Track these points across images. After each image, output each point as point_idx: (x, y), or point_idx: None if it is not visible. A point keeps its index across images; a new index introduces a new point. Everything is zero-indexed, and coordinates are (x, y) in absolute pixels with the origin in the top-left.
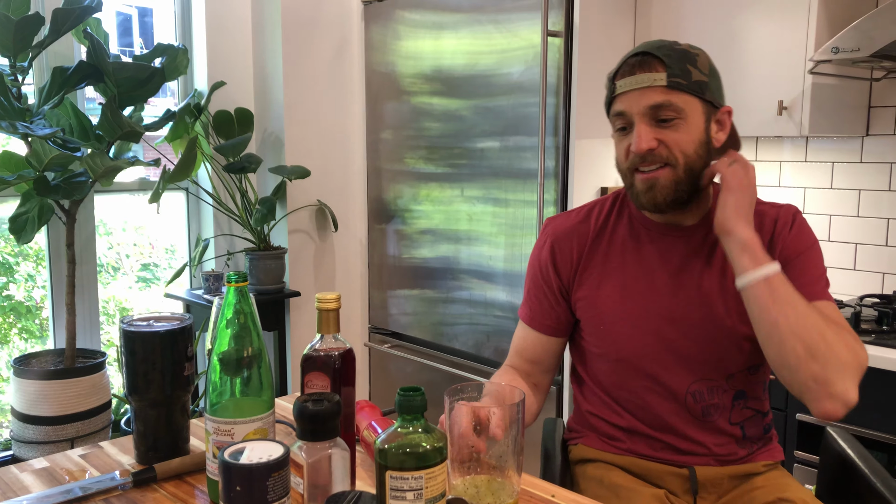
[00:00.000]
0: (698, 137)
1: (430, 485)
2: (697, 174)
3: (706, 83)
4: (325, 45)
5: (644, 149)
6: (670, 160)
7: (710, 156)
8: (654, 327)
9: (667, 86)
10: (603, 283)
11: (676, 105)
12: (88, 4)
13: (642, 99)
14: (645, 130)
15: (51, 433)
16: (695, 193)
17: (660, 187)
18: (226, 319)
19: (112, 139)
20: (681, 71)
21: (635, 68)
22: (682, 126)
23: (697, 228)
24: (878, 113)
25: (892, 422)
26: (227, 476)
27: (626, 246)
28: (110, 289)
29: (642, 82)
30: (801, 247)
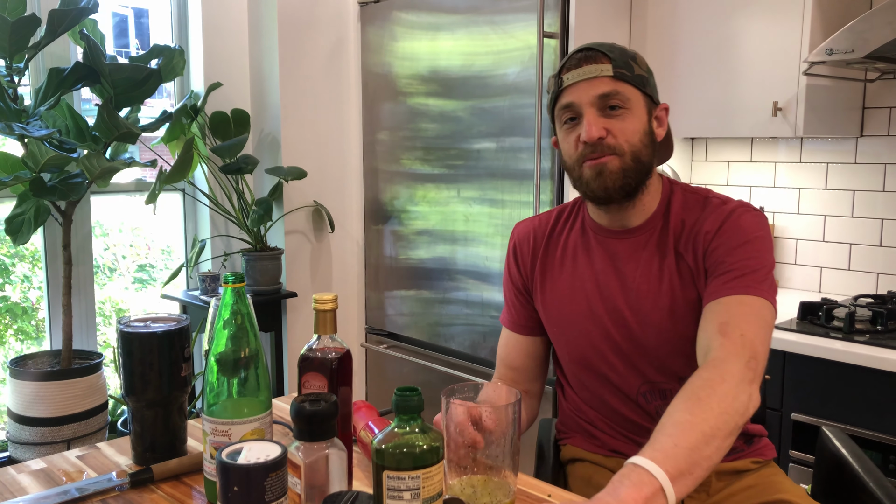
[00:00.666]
0: (643, 128)
1: (426, 485)
2: (644, 164)
3: (647, 78)
4: (321, 47)
5: (595, 136)
6: (618, 149)
7: (654, 149)
8: (601, 329)
9: (613, 76)
10: (555, 286)
11: (623, 94)
12: (85, 6)
13: (591, 89)
14: (594, 119)
15: (47, 434)
16: (641, 184)
17: (608, 172)
18: (223, 320)
19: (108, 140)
20: (625, 64)
21: (582, 61)
22: (628, 116)
23: (642, 230)
24: (872, 114)
25: (886, 421)
26: (225, 476)
27: (576, 249)
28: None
29: (590, 73)
30: (730, 241)
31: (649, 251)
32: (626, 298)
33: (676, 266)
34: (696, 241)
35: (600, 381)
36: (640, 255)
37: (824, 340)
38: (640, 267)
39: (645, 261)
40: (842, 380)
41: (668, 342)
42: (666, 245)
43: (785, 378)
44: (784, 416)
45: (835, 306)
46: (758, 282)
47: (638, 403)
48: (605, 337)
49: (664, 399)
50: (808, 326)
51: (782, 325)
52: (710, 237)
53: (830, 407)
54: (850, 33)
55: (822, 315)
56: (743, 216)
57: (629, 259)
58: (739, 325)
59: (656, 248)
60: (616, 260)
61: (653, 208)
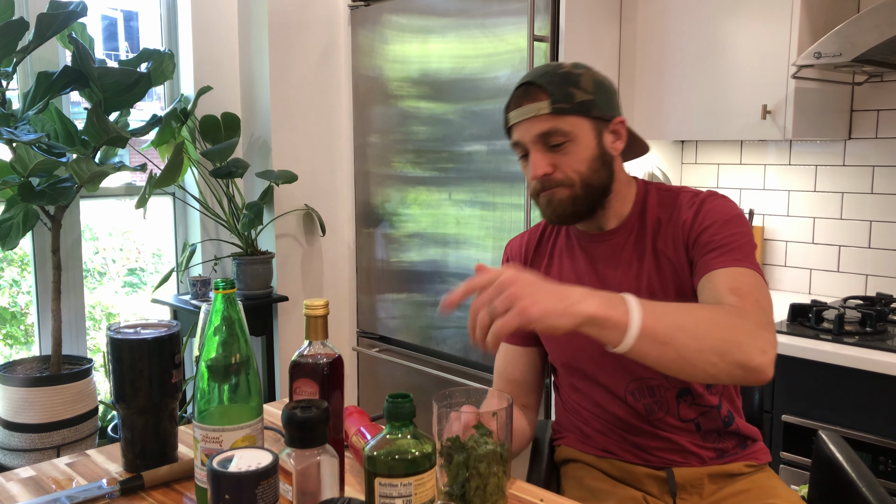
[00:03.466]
0: (590, 154)
1: (418, 491)
2: (596, 188)
3: (591, 101)
4: (311, 50)
5: (539, 175)
6: (565, 182)
7: (611, 165)
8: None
9: (551, 112)
10: None
11: (563, 129)
12: (73, 9)
13: (531, 128)
14: (538, 158)
15: (36, 441)
16: (596, 205)
17: (557, 202)
18: (213, 326)
19: (98, 144)
20: (563, 96)
21: (521, 99)
22: (571, 149)
23: (618, 232)
24: (861, 117)
25: (876, 422)
26: (216, 484)
27: (562, 255)
28: (97, 294)
29: (529, 112)
30: (710, 221)
31: (627, 252)
32: None
33: (656, 264)
34: (674, 233)
35: (589, 381)
36: (619, 256)
37: (814, 342)
38: (620, 268)
39: (624, 262)
40: (832, 381)
41: None
42: (644, 244)
43: (775, 380)
44: (775, 417)
45: (824, 308)
46: (749, 256)
47: (626, 401)
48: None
49: (653, 396)
50: (798, 328)
51: None
52: (688, 225)
53: (821, 409)
54: (838, 37)
55: (812, 317)
56: (716, 200)
57: (608, 261)
58: (752, 293)
59: (634, 249)
60: (596, 262)
61: (627, 210)
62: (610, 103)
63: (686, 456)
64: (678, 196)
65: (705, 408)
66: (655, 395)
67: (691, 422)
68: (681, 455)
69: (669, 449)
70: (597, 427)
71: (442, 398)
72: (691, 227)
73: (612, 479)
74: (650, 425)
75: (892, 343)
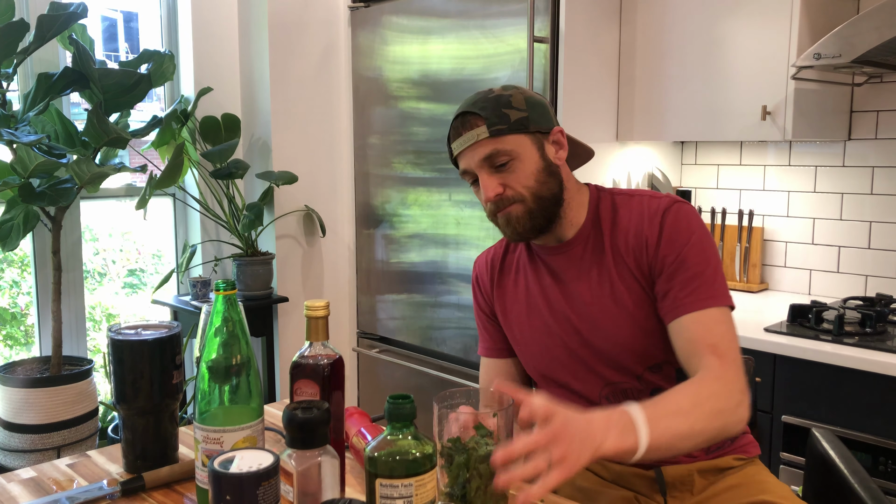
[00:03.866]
0: (536, 167)
1: (419, 492)
2: (548, 199)
3: (526, 118)
4: (311, 51)
5: (492, 196)
6: (517, 197)
7: (558, 175)
8: (556, 340)
9: (490, 136)
10: (512, 306)
11: (504, 149)
12: (73, 11)
13: (475, 154)
14: (487, 180)
15: (37, 441)
16: (553, 216)
17: (515, 220)
18: (214, 327)
19: (98, 145)
20: (498, 118)
21: (460, 129)
22: (517, 166)
23: (575, 242)
24: (860, 117)
25: (875, 423)
26: (217, 485)
27: (526, 269)
28: (97, 295)
29: (469, 140)
30: (676, 244)
31: (587, 261)
32: (573, 307)
33: (616, 268)
34: (636, 246)
35: (565, 390)
36: (578, 266)
37: (814, 343)
38: (581, 277)
39: (584, 270)
40: (831, 382)
41: (619, 343)
42: (602, 250)
43: (775, 380)
44: (775, 418)
45: (824, 309)
46: (718, 285)
47: (602, 406)
48: (562, 348)
49: (627, 398)
50: (798, 329)
51: (772, 327)
52: (653, 244)
53: (820, 409)
54: (838, 38)
55: (812, 317)
56: (678, 213)
57: (568, 271)
58: (730, 349)
59: (593, 255)
60: (557, 274)
61: (581, 219)
62: (545, 116)
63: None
64: (636, 202)
65: None
66: (630, 397)
67: None
68: None
69: None
70: None
71: (442, 399)
72: (657, 246)
73: (603, 480)
74: None
75: (891, 344)
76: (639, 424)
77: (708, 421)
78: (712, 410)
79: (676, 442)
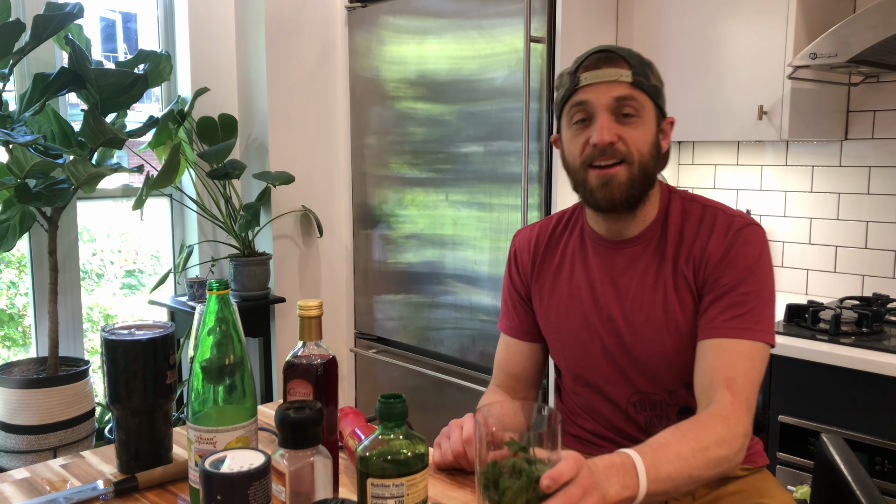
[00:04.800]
0: (651, 138)
1: (411, 492)
2: (649, 175)
3: (660, 89)
4: (308, 51)
5: (606, 140)
6: (627, 157)
7: (659, 160)
8: (595, 338)
9: (632, 82)
10: (553, 293)
11: (639, 101)
12: (69, 11)
13: (608, 91)
14: (608, 123)
15: (33, 442)
16: (645, 194)
17: (616, 184)
18: (207, 327)
19: (94, 146)
20: (642, 72)
21: (600, 63)
22: (640, 124)
23: (637, 241)
24: (857, 117)
25: (872, 423)
26: (208, 485)
27: (574, 257)
28: (94, 295)
29: (609, 76)
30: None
31: (645, 262)
32: (620, 308)
33: (673, 279)
34: (698, 259)
35: (592, 388)
36: (636, 265)
37: (810, 343)
38: (636, 278)
39: (641, 271)
40: (828, 382)
41: (659, 354)
42: (663, 256)
43: (772, 380)
44: (771, 418)
45: (821, 308)
46: (764, 321)
47: (627, 412)
48: (598, 345)
49: (654, 410)
50: (795, 329)
51: None
52: (714, 263)
53: (817, 409)
54: (834, 38)
55: (809, 317)
56: (751, 236)
57: (626, 269)
58: (746, 387)
59: (653, 259)
60: (612, 270)
61: (651, 217)
62: (665, 103)
63: None
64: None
65: None
66: (657, 410)
67: None
68: None
69: None
70: (592, 430)
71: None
72: (718, 265)
73: None
74: (648, 436)
75: (888, 343)
76: (639, 473)
77: (708, 468)
78: (714, 458)
79: (674, 489)
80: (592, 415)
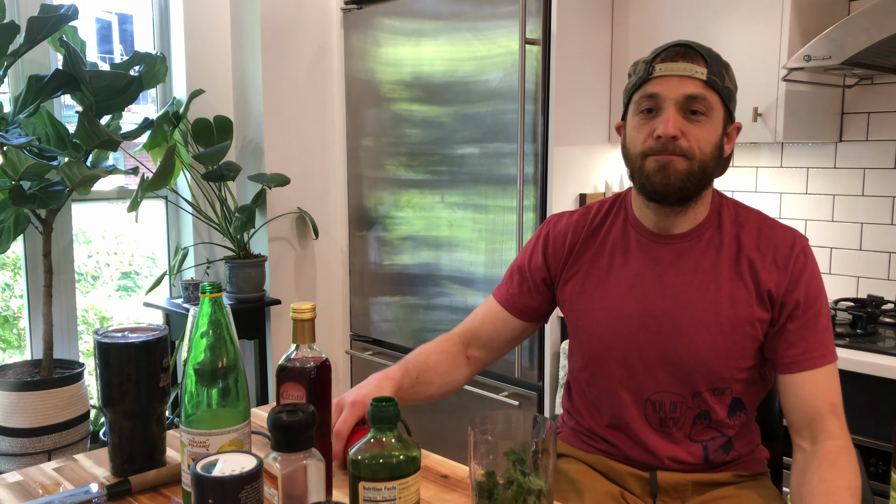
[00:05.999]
0: (716, 139)
1: (403, 495)
2: (708, 175)
3: (732, 93)
4: (304, 53)
5: (670, 133)
6: (688, 153)
7: (720, 163)
8: (627, 330)
9: (706, 81)
10: (587, 281)
11: (709, 101)
12: (64, 13)
13: (680, 86)
14: (675, 117)
15: (27, 445)
16: (699, 193)
17: (673, 170)
18: (200, 330)
19: (89, 148)
20: (718, 72)
21: (677, 56)
22: (706, 124)
23: (686, 238)
24: (851, 119)
25: (865, 424)
26: (200, 489)
27: (615, 248)
28: (90, 298)
29: (684, 70)
30: (811, 291)
31: (694, 260)
32: (663, 303)
33: (729, 284)
34: (764, 266)
35: (611, 381)
36: (684, 262)
37: None
38: (684, 275)
39: (688, 269)
40: None
41: (697, 354)
42: (718, 260)
43: None
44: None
45: None
46: (832, 340)
47: (643, 409)
48: (629, 338)
49: (673, 412)
50: None
51: None
52: (792, 279)
53: None
54: (828, 40)
55: None
56: (811, 256)
57: (672, 264)
58: (840, 405)
59: (702, 258)
60: (658, 264)
61: (702, 217)
62: (735, 107)
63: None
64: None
65: (719, 434)
66: (676, 412)
67: (699, 442)
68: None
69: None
70: (602, 423)
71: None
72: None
73: (594, 472)
74: (656, 434)
75: (882, 345)
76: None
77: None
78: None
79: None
80: (603, 410)
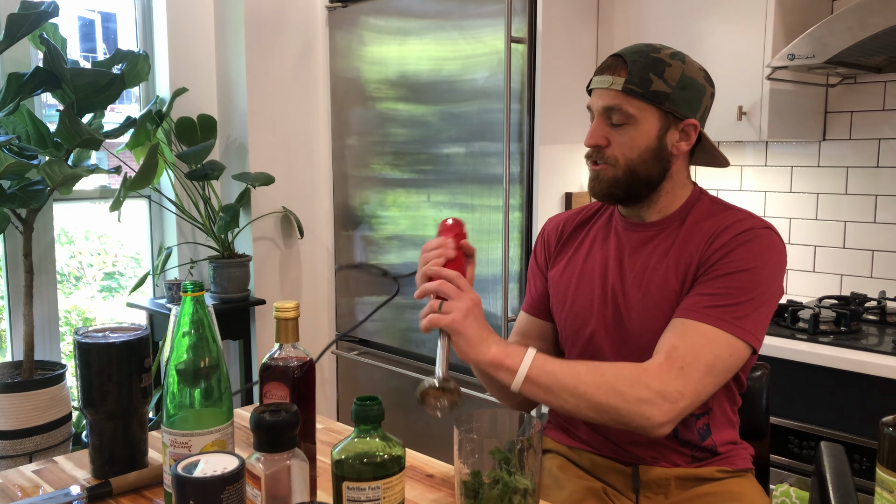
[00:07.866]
0: (646, 144)
1: (387, 495)
2: (640, 177)
3: (666, 94)
4: (289, 51)
5: (590, 143)
6: (610, 160)
7: (667, 162)
8: (595, 311)
9: (621, 91)
10: (566, 269)
11: (626, 111)
12: (44, 10)
13: (601, 98)
14: (597, 128)
15: (8, 448)
16: (636, 193)
17: (599, 179)
18: (182, 330)
19: (70, 147)
20: (640, 79)
21: (604, 68)
22: (630, 130)
23: (655, 226)
24: (834, 118)
25: (850, 421)
26: (181, 490)
27: (596, 237)
28: (73, 298)
29: (603, 83)
30: (731, 263)
31: (654, 245)
32: (622, 284)
33: (676, 262)
34: (704, 248)
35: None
36: (645, 247)
37: (790, 342)
38: (642, 258)
39: (647, 253)
40: (807, 380)
41: (651, 331)
42: (674, 242)
43: None
44: None
45: (800, 308)
46: (746, 320)
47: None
48: (597, 319)
49: None
50: (774, 328)
51: None
52: (714, 252)
53: (796, 407)
54: (811, 39)
55: (788, 316)
56: (757, 239)
57: (635, 249)
58: (686, 358)
59: (663, 243)
60: (623, 248)
61: (671, 210)
62: (691, 103)
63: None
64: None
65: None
66: None
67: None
68: (655, 452)
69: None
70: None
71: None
72: (716, 252)
73: (577, 468)
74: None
75: (865, 342)
76: (528, 355)
77: (597, 390)
78: (606, 385)
79: (556, 387)
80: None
